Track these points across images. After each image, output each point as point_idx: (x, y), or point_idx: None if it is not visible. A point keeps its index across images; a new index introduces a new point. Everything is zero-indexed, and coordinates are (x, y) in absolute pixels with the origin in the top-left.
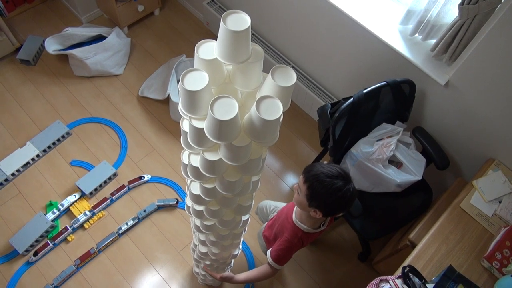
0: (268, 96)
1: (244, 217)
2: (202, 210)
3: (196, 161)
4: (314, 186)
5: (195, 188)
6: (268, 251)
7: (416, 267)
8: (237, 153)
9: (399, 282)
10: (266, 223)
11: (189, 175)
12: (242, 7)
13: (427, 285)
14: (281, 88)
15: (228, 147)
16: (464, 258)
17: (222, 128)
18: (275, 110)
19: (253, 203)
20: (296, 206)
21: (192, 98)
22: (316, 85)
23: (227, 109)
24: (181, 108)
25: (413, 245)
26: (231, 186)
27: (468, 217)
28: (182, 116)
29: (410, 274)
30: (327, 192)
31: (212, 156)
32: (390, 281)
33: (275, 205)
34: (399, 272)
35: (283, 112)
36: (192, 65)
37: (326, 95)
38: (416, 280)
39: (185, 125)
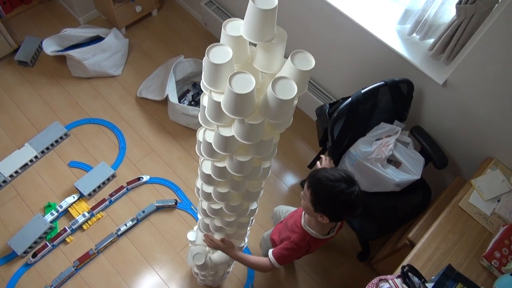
0: (284, 77)
1: (252, 206)
2: (211, 193)
3: (210, 137)
4: (317, 190)
5: (207, 167)
6: (271, 249)
7: (416, 266)
8: (249, 131)
9: (398, 281)
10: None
11: (202, 153)
12: (240, 8)
13: (426, 284)
14: (299, 71)
15: (241, 124)
16: (463, 257)
17: (238, 102)
18: (290, 91)
19: (261, 192)
20: (303, 213)
21: (215, 71)
22: (315, 85)
23: (245, 84)
24: (203, 82)
25: (412, 244)
26: (241, 167)
27: (467, 216)
28: (203, 90)
29: (409, 274)
30: (330, 195)
31: (226, 132)
32: (390, 281)
33: (287, 209)
34: (398, 271)
35: (299, 97)
36: (190, 66)
37: (324, 95)
38: (416, 279)
39: (204, 100)
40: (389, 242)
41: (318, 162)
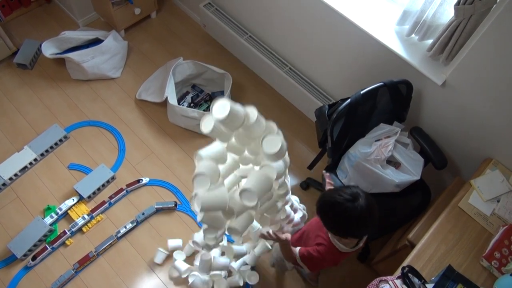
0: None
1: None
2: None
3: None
4: (323, 216)
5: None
6: (298, 248)
7: (416, 267)
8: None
9: (398, 282)
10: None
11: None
12: (238, 10)
13: (426, 285)
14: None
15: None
16: (463, 257)
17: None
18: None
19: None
20: None
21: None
22: (314, 86)
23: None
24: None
25: (412, 245)
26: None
27: (467, 217)
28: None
29: (409, 274)
30: (335, 218)
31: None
32: (390, 282)
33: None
34: (398, 272)
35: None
36: (190, 68)
37: (323, 96)
38: (416, 280)
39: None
40: (389, 243)
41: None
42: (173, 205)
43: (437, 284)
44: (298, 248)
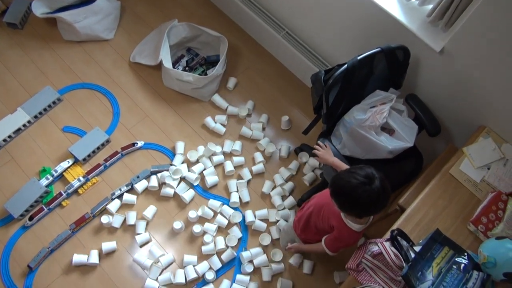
0: None
1: None
2: None
3: None
4: (339, 200)
5: None
6: (326, 246)
7: (405, 230)
8: None
9: (387, 244)
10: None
11: None
12: None
13: (414, 247)
14: None
15: None
16: (451, 222)
17: None
18: None
19: None
20: None
21: None
22: (310, 51)
23: None
24: None
25: (402, 210)
26: None
27: (457, 183)
28: None
29: (398, 237)
30: (353, 201)
31: None
32: (379, 244)
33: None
34: (388, 235)
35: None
36: (185, 30)
37: (320, 62)
38: (404, 242)
39: None
40: None
41: (315, 152)
42: (168, 168)
43: (424, 246)
44: (323, 244)
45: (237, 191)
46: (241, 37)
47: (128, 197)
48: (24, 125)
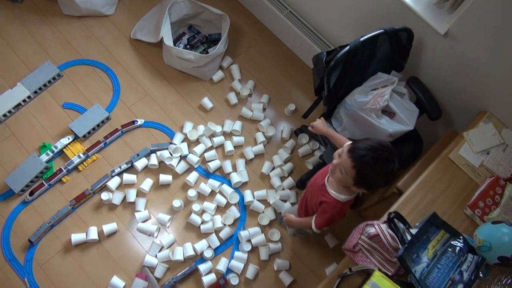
0: None
1: None
2: None
3: None
4: (366, 172)
5: None
6: (313, 219)
7: (402, 213)
8: None
9: (384, 226)
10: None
11: None
12: None
13: (410, 230)
14: None
15: None
16: (448, 206)
17: None
18: None
19: None
20: (327, 178)
21: None
22: (313, 31)
23: None
24: None
25: (400, 193)
26: None
27: (456, 167)
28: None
29: (395, 220)
30: (379, 176)
31: None
32: (376, 226)
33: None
34: (385, 217)
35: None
36: (186, 7)
37: (322, 42)
38: (401, 225)
39: None
40: (378, 191)
41: (311, 125)
42: (168, 147)
43: (421, 229)
44: (313, 222)
45: (237, 172)
46: (243, 15)
47: (128, 177)
48: (24, 101)
